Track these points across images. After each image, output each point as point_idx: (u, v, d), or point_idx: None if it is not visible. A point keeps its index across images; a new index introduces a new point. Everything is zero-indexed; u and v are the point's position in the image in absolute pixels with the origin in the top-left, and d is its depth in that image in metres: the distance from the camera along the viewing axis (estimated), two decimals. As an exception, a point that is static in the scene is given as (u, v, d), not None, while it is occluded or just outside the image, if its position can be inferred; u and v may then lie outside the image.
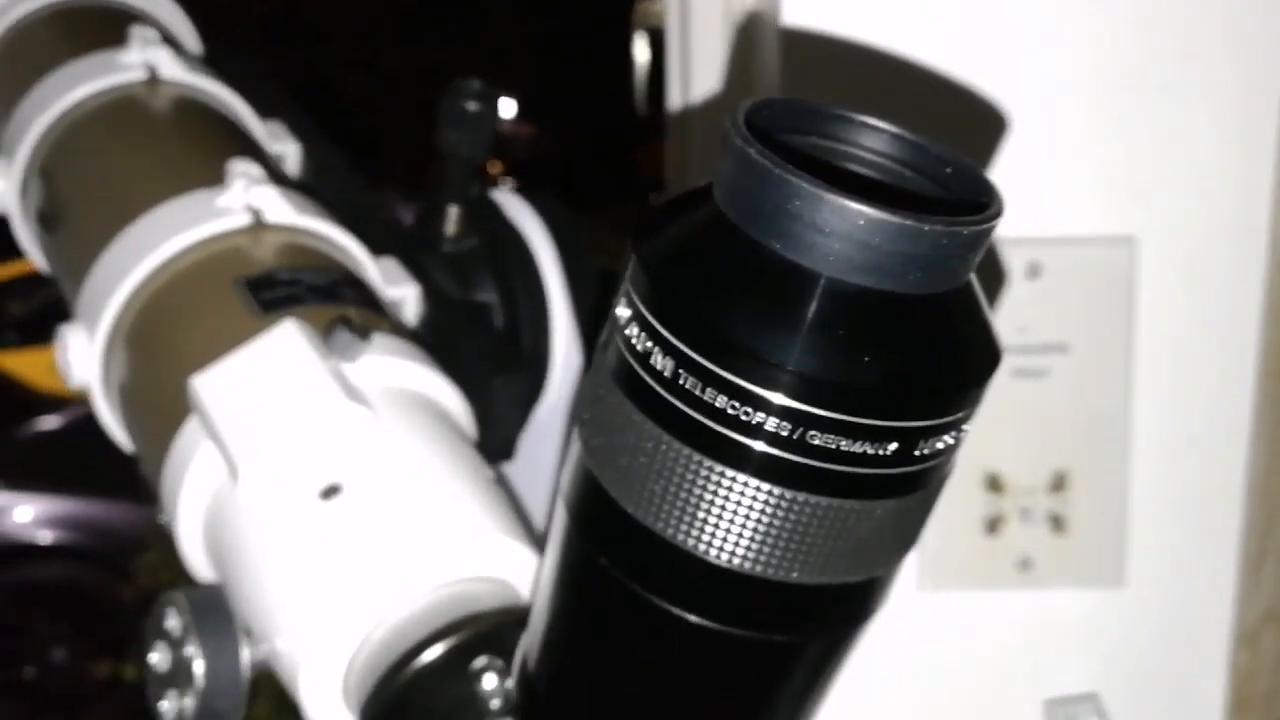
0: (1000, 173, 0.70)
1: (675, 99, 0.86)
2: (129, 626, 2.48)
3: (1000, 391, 0.71)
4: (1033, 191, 0.72)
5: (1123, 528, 0.75)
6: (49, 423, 2.94)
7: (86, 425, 0.54)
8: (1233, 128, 0.72)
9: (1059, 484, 0.74)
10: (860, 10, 0.70)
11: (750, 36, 0.75)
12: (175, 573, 0.47)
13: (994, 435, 0.73)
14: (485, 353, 0.57)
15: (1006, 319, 0.72)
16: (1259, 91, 0.72)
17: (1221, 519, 0.76)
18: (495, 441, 0.56)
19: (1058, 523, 0.74)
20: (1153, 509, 0.75)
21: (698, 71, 0.81)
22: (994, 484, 0.73)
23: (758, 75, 0.74)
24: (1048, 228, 0.72)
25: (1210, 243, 0.74)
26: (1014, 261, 0.72)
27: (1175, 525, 0.76)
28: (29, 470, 2.86)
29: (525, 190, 0.61)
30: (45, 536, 2.86)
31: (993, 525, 0.74)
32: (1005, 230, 0.74)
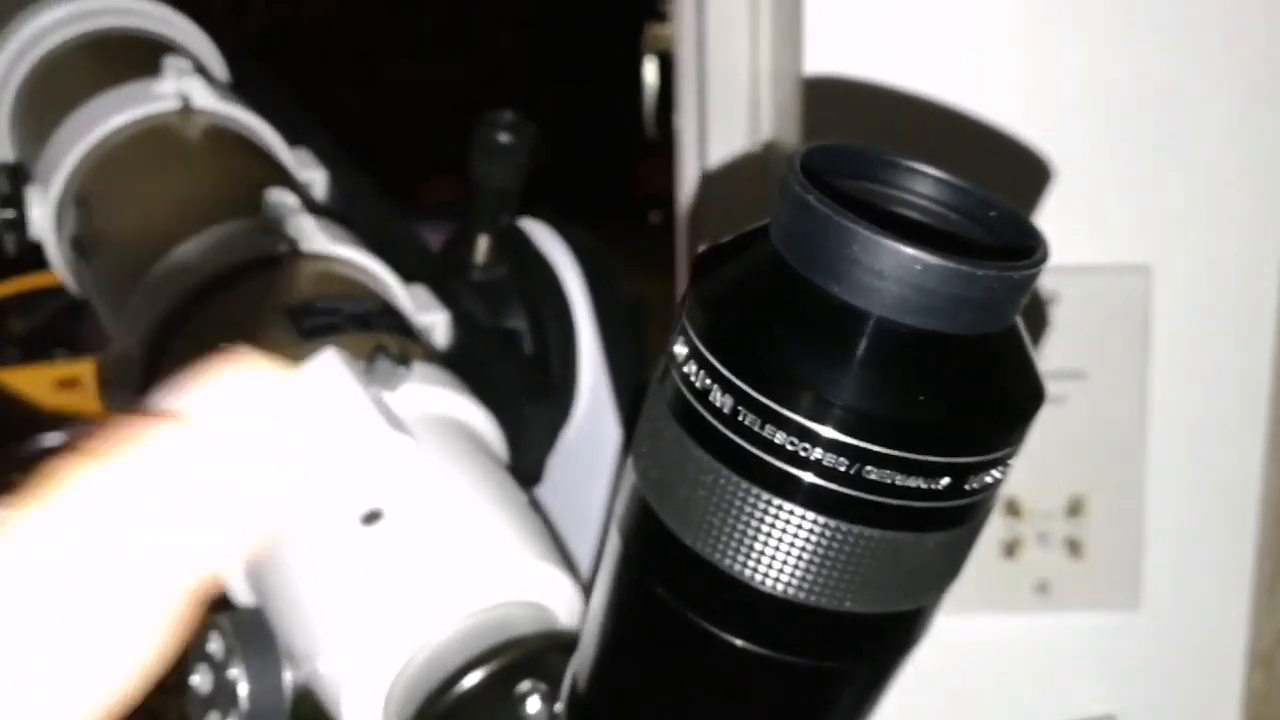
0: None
1: (689, 129, 0.87)
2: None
3: (1018, 417, 0.72)
4: (1048, 220, 0.73)
5: (1138, 552, 0.76)
6: (51, 440, 2.94)
7: (89, 444, 0.55)
8: (1248, 157, 0.73)
9: (1075, 509, 0.75)
10: (879, 57, 0.71)
11: (770, 82, 0.76)
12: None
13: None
14: (516, 379, 0.58)
15: (1024, 346, 0.73)
16: (1273, 120, 0.73)
17: (1236, 543, 0.77)
18: (524, 466, 0.57)
19: (1074, 547, 0.75)
20: (1168, 533, 0.76)
21: (715, 126, 0.82)
22: (1012, 508, 0.74)
23: (779, 119, 0.76)
24: (1064, 256, 0.72)
25: (1225, 271, 0.75)
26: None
27: (1190, 549, 0.77)
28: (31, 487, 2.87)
29: (525, 210, 0.62)
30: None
31: (1010, 549, 0.75)
32: (1023, 259, 0.75)
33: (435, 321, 0.57)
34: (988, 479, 0.27)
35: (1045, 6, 0.71)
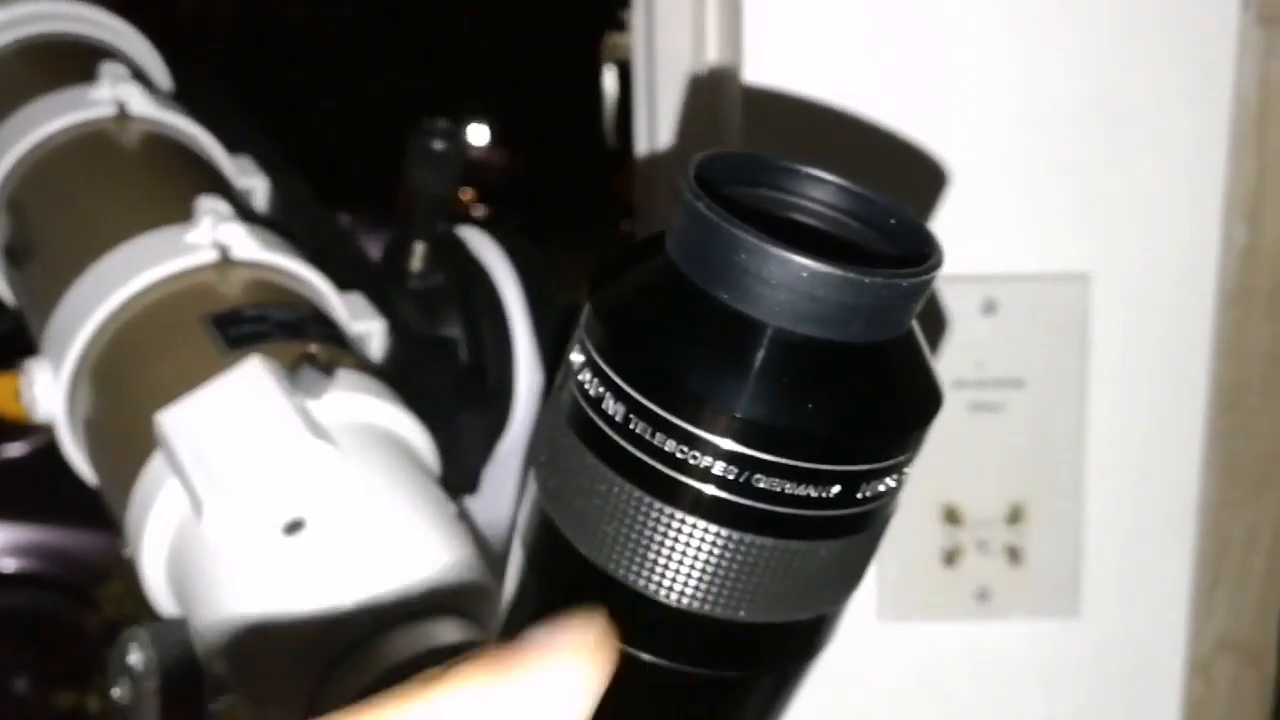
0: (956, 211, 0.72)
1: (642, 139, 0.87)
2: (93, 656, 2.45)
3: (957, 425, 0.73)
4: (988, 230, 0.73)
5: (1077, 559, 0.76)
6: (13, 450, 2.91)
7: (52, 453, 0.54)
8: (1182, 166, 0.74)
9: (1015, 516, 0.75)
10: (818, 62, 0.71)
11: (715, 85, 0.76)
12: (140, 602, 0.47)
13: (951, 468, 0.74)
14: (451, 388, 0.58)
15: (963, 354, 0.73)
16: (1208, 130, 0.74)
17: (1175, 550, 0.78)
18: (459, 475, 0.57)
19: (1014, 554, 0.75)
20: (1107, 541, 0.77)
21: (663, 114, 0.82)
22: (952, 516, 0.75)
23: (722, 122, 0.76)
24: (1003, 265, 0.73)
25: (1161, 279, 0.75)
26: (970, 298, 0.73)
27: (1129, 557, 0.78)
28: (-7, 498, 2.84)
29: (496, 220, 0.62)
30: (9, 565, 2.83)
31: (951, 557, 0.75)
32: (961, 267, 0.76)
33: (371, 330, 0.57)
34: (881, 487, 0.27)
35: (984, 16, 0.72)
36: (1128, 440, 0.76)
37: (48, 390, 0.53)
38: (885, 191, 0.30)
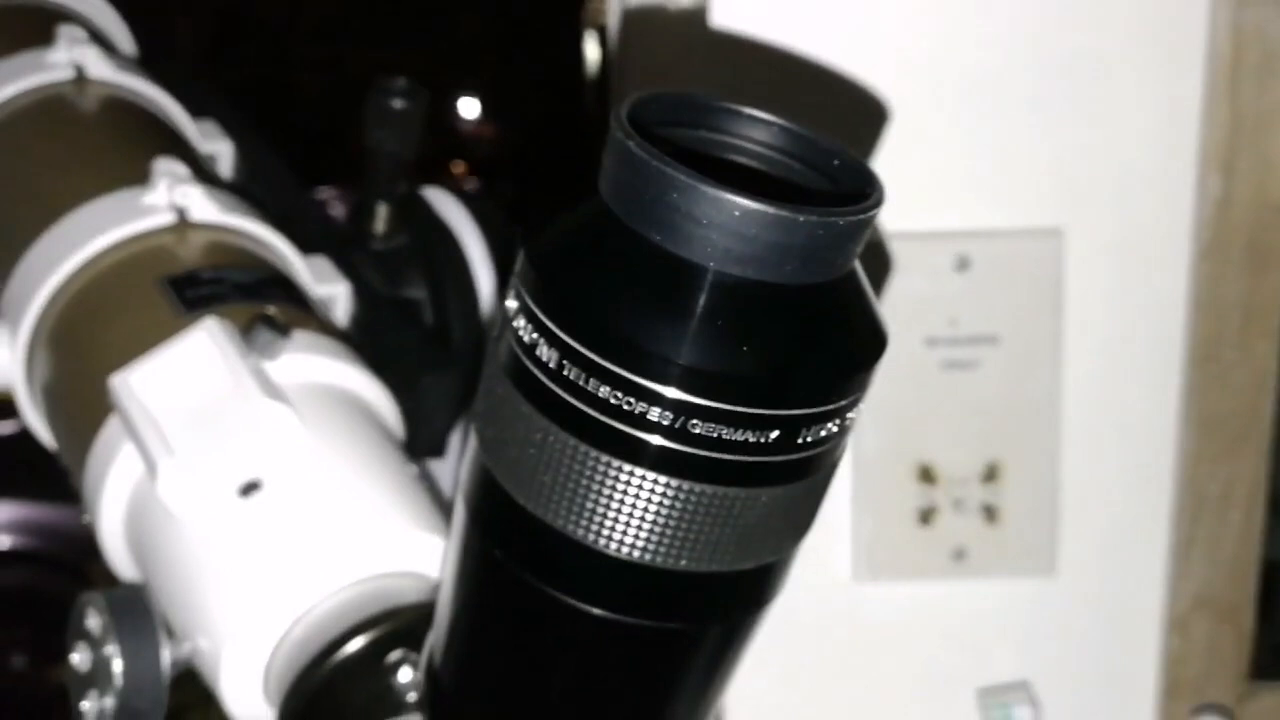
0: (929, 167, 0.71)
1: (618, 97, 0.86)
2: (84, 631, 2.45)
3: (931, 383, 0.73)
4: (960, 185, 0.73)
5: (1054, 517, 0.76)
6: (3, 428, 2.91)
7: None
8: (1156, 120, 0.73)
9: (991, 474, 0.75)
10: (789, 9, 0.70)
11: (685, 36, 0.75)
12: (135, 575, 0.47)
13: (926, 427, 0.74)
14: (414, 350, 0.57)
15: (936, 312, 0.73)
16: (1182, 83, 0.73)
17: (1151, 507, 0.78)
18: (426, 438, 0.57)
19: (990, 513, 0.75)
20: (1083, 498, 0.77)
21: (635, 71, 0.81)
22: (927, 475, 0.74)
23: (693, 74, 0.75)
24: (976, 221, 0.73)
25: (1137, 234, 0.75)
26: (943, 254, 0.72)
27: (1106, 514, 0.78)
28: (-16, 475, 2.83)
29: (488, 192, 0.61)
30: (2, 542, 2.83)
31: (926, 516, 0.75)
32: (934, 224, 0.76)
33: (335, 293, 0.56)
34: (823, 432, 0.27)
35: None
36: (1103, 397, 0.76)
37: (4, 357, 0.53)
38: (828, 132, 0.29)
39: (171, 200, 0.53)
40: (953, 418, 0.73)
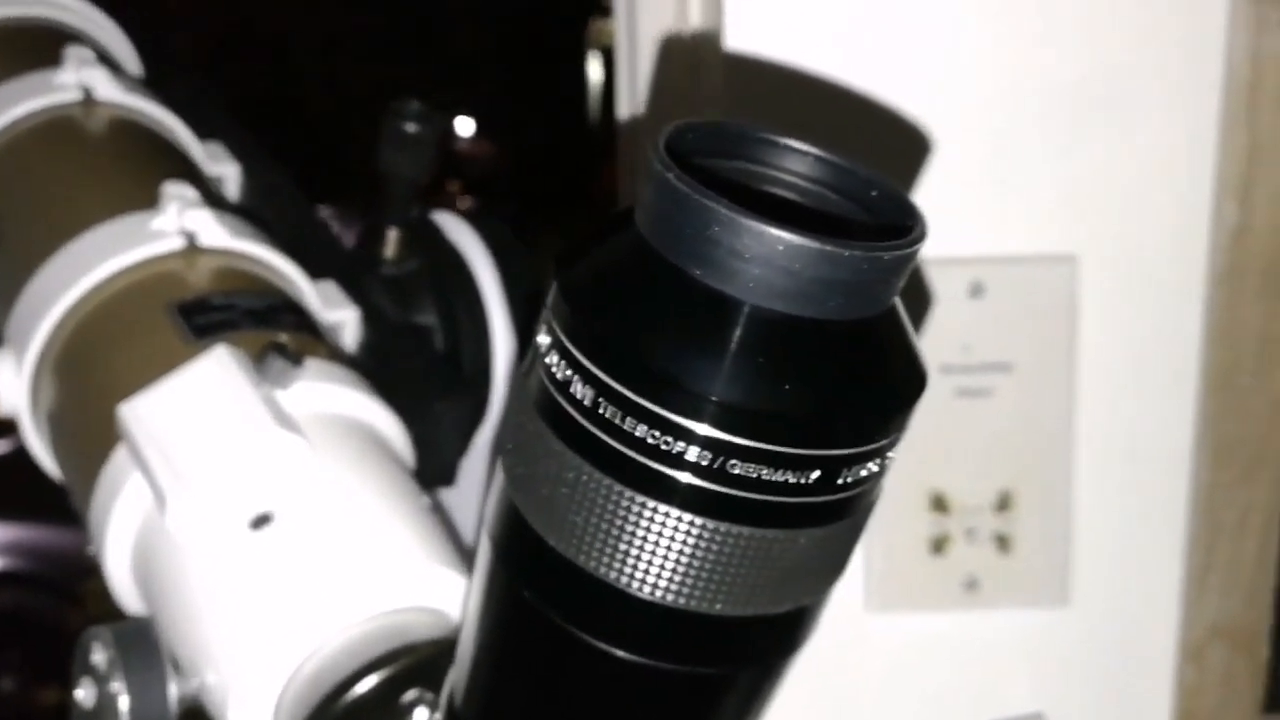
0: (943, 193, 0.71)
1: (625, 117, 0.86)
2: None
3: (944, 411, 0.72)
4: (975, 211, 0.72)
5: (1067, 546, 0.75)
6: (-1, 446, 2.89)
7: (34, 450, 0.53)
8: (1171, 146, 0.73)
9: (1004, 503, 0.74)
10: (802, 34, 0.70)
11: (696, 57, 0.75)
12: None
13: (939, 455, 0.73)
14: (425, 376, 0.57)
15: (950, 338, 0.72)
16: (1198, 108, 0.73)
17: (1165, 536, 0.77)
18: (436, 466, 0.56)
19: (1003, 542, 0.74)
20: (1097, 527, 0.76)
21: (645, 91, 0.81)
22: (939, 504, 0.73)
23: (704, 96, 0.74)
24: (990, 247, 0.72)
25: (1152, 261, 0.74)
26: (957, 281, 0.72)
27: (1120, 543, 0.77)
28: (-24, 495, 2.82)
29: (482, 208, 0.61)
30: (-9, 563, 2.81)
31: (939, 545, 0.74)
32: (948, 250, 0.75)
33: (344, 318, 0.56)
34: (863, 472, 0.26)
35: (970, -3, 0.71)
36: (1117, 424, 0.76)
37: (10, 383, 0.52)
38: (865, 162, 0.29)
39: (181, 225, 0.52)
40: (965, 446, 0.73)
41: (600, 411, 0.25)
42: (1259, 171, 0.72)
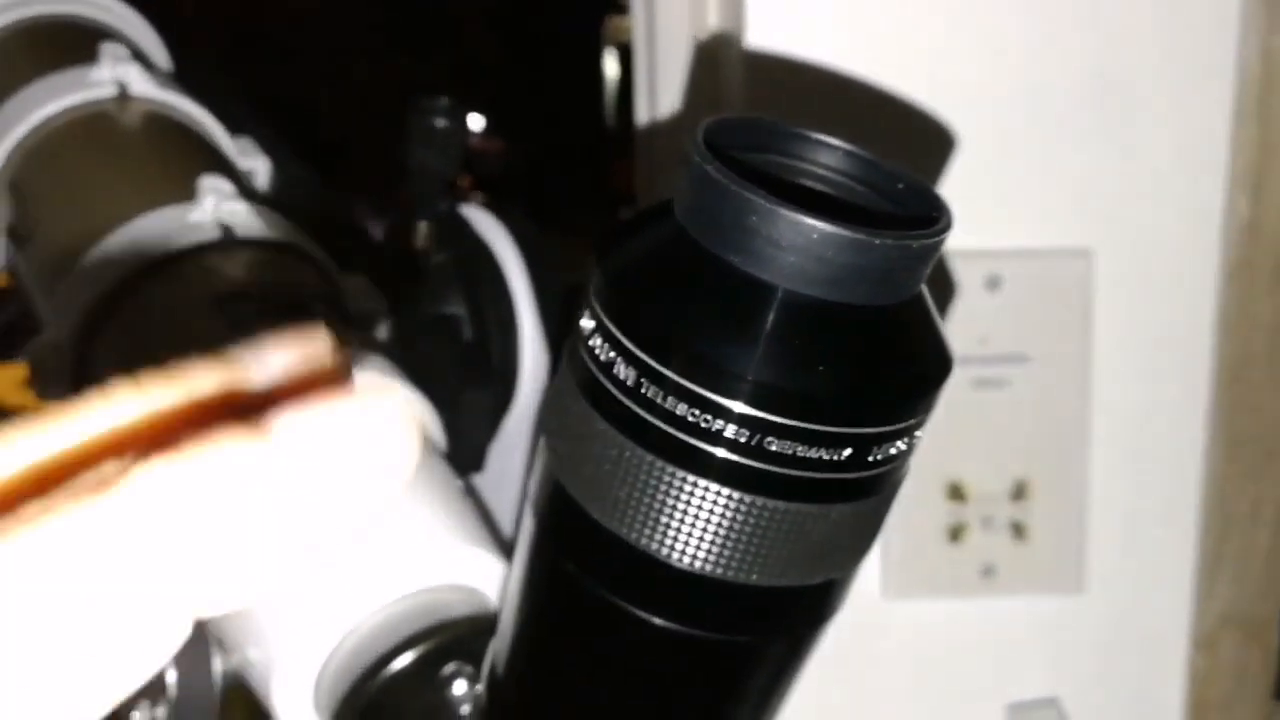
0: (960, 187, 0.72)
1: (643, 115, 0.87)
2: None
3: (961, 401, 0.73)
4: (992, 205, 0.73)
5: (1082, 535, 0.76)
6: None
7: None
8: (1184, 143, 0.74)
9: (1020, 492, 0.75)
10: (822, 30, 0.71)
11: (715, 55, 0.76)
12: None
13: (956, 444, 0.74)
14: (455, 366, 0.58)
15: (967, 330, 0.73)
16: (1210, 104, 0.74)
17: (1178, 525, 0.78)
18: (465, 452, 0.57)
19: (1019, 530, 0.75)
20: (1111, 516, 0.77)
21: (664, 89, 0.82)
22: (956, 493, 0.75)
23: (723, 93, 0.76)
24: (1007, 241, 0.73)
25: (1166, 254, 0.75)
26: (974, 274, 0.73)
27: (1133, 532, 0.78)
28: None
29: (494, 205, 0.62)
30: None
31: (955, 533, 0.75)
32: (965, 243, 0.76)
33: (374, 309, 0.57)
34: (892, 450, 0.27)
35: (986, -8, 0.72)
36: (1132, 416, 0.76)
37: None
38: (891, 156, 0.30)
39: (218, 217, 0.54)
40: (982, 436, 0.74)
41: (642, 391, 0.27)
42: (1270, 167, 0.73)
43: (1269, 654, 0.80)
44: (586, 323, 0.28)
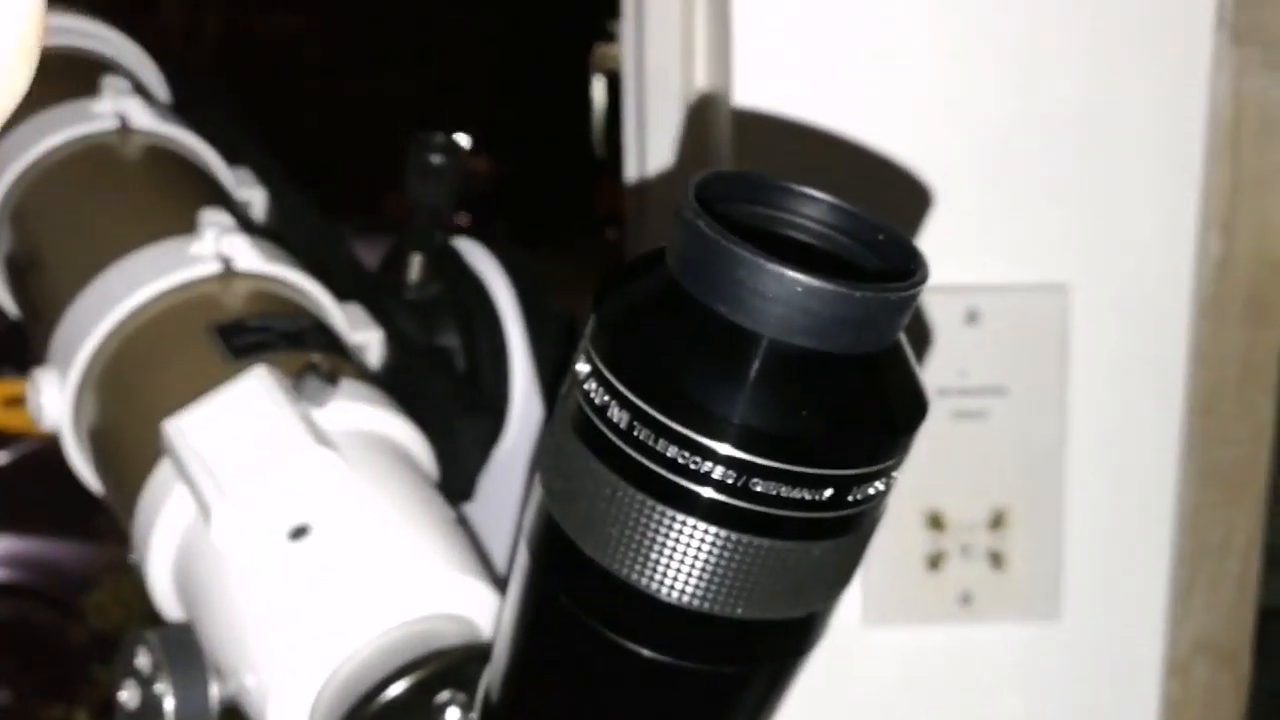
0: (941, 224, 0.74)
1: (632, 172, 0.88)
2: (78, 666, 2.44)
3: (941, 433, 0.75)
4: (971, 242, 0.75)
5: (1058, 563, 0.78)
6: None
7: (35, 462, 0.55)
8: (1158, 181, 0.76)
9: (997, 521, 0.77)
10: (806, 84, 0.73)
11: (704, 112, 0.78)
12: (124, 611, 0.48)
13: (935, 475, 0.76)
14: (447, 396, 0.59)
15: (946, 363, 0.75)
16: (1183, 144, 0.76)
17: (1152, 554, 0.80)
18: (457, 482, 0.58)
19: (996, 559, 0.77)
20: (1087, 545, 0.79)
21: (654, 149, 0.83)
22: (935, 522, 0.76)
23: (712, 143, 0.77)
24: (986, 276, 0.75)
25: (1140, 290, 0.77)
26: (954, 308, 0.75)
27: (1108, 560, 0.79)
28: (-24, 507, 2.82)
29: (477, 224, 0.63)
30: (-9, 576, 2.82)
31: (934, 562, 0.76)
32: (946, 278, 0.78)
33: (369, 339, 0.58)
34: (870, 490, 0.29)
35: (964, 32, 0.74)
36: (1107, 446, 0.78)
37: (54, 400, 0.54)
38: (872, 209, 0.31)
39: (218, 250, 0.55)
40: (961, 466, 0.75)
41: (635, 433, 0.28)
42: (1241, 205, 0.75)
43: (1241, 680, 0.81)
44: (582, 367, 0.30)
